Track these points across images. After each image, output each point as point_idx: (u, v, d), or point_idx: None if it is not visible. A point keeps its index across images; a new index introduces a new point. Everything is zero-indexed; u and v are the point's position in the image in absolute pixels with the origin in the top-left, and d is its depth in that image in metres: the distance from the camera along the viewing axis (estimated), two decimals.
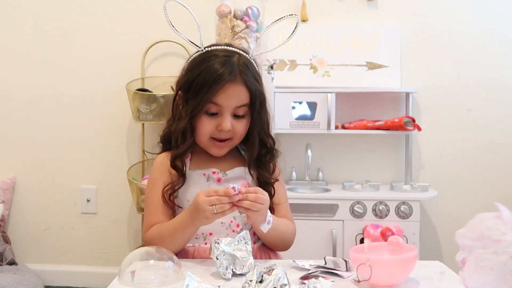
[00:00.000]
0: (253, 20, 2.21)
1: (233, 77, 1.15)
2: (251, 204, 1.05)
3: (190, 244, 1.18)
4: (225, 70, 1.15)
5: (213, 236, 1.16)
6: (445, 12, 2.51)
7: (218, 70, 1.15)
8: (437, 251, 2.52)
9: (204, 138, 1.19)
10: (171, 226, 1.14)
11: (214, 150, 1.21)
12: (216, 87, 1.14)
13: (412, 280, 0.95)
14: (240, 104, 1.17)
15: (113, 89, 2.56)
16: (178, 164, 1.19)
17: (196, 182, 1.20)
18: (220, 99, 1.15)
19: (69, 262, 2.64)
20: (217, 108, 1.16)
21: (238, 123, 1.18)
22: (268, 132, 1.25)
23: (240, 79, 1.16)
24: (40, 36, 2.61)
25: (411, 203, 2.17)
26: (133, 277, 0.95)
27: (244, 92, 1.17)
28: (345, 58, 2.49)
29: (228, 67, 1.16)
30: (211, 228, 1.17)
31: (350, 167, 2.53)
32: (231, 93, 1.15)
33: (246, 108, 1.19)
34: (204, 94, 1.14)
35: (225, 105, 1.16)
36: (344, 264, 1.03)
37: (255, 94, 1.18)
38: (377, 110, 2.49)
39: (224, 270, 0.96)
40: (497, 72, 2.50)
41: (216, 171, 1.21)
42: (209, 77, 1.14)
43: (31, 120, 2.63)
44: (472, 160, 2.51)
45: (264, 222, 1.11)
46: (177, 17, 1.30)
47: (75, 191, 2.63)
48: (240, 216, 1.18)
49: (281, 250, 1.26)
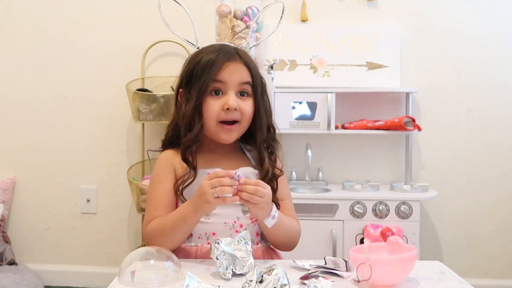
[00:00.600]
0: (253, 20, 2.21)
1: (232, 56, 1.19)
2: (249, 196, 1.04)
3: (193, 244, 1.18)
4: (224, 52, 1.19)
5: (216, 236, 1.16)
6: (445, 12, 2.51)
7: (216, 53, 1.19)
8: (437, 251, 2.52)
9: (212, 122, 1.18)
10: (173, 217, 1.13)
11: (223, 136, 1.20)
12: (218, 65, 1.17)
13: (412, 280, 0.95)
14: (243, 81, 1.19)
15: (113, 89, 2.56)
16: (189, 157, 1.19)
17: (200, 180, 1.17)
18: (223, 75, 1.17)
19: (69, 262, 2.64)
20: (221, 85, 1.18)
21: (244, 103, 1.19)
22: (271, 120, 1.27)
23: (239, 59, 1.20)
24: (40, 36, 2.61)
25: (411, 203, 2.17)
26: (133, 277, 0.95)
27: (245, 70, 1.20)
28: (345, 58, 2.49)
29: (225, 50, 1.20)
30: (214, 228, 1.17)
31: (350, 167, 2.53)
32: (233, 70, 1.18)
33: (250, 88, 1.21)
34: (207, 75, 1.16)
35: (229, 80, 1.17)
36: (344, 264, 1.03)
37: (255, 74, 1.21)
38: (377, 110, 2.49)
39: (224, 270, 0.96)
40: (497, 72, 2.50)
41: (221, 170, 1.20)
42: (209, 60, 1.18)
43: (31, 120, 2.63)
44: (472, 160, 2.51)
45: (269, 217, 1.10)
46: (176, 16, 1.30)
47: (75, 191, 2.63)
48: (243, 217, 1.18)
49: (287, 249, 1.25)
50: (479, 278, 2.48)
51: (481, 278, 2.49)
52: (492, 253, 2.51)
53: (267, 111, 1.25)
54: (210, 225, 1.18)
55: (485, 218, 2.51)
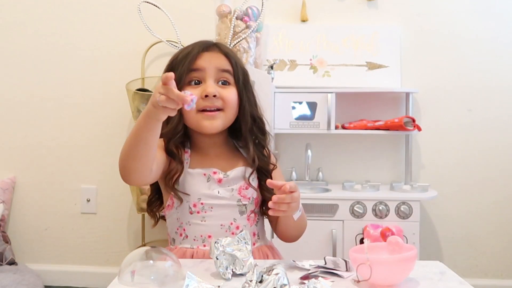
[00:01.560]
0: (253, 20, 2.21)
1: (210, 46, 1.18)
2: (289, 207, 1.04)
3: (189, 246, 1.18)
4: (201, 43, 1.19)
5: (212, 238, 1.14)
6: (446, 12, 2.51)
7: (193, 45, 1.19)
8: (437, 251, 2.52)
9: (192, 111, 1.11)
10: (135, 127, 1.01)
11: (206, 124, 1.15)
12: (194, 55, 1.15)
13: (412, 280, 0.95)
14: (221, 68, 1.17)
15: (113, 89, 2.56)
16: (173, 148, 1.16)
17: (196, 182, 1.18)
18: (199, 63, 1.15)
19: (69, 262, 2.64)
20: (199, 74, 1.16)
21: (224, 90, 1.16)
22: (256, 110, 1.23)
23: (217, 48, 1.19)
24: (40, 36, 2.61)
25: (411, 203, 2.17)
26: (133, 277, 0.95)
27: (223, 59, 1.18)
28: (345, 58, 2.49)
29: (203, 42, 1.20)
30: (210, 231, 1.16)
31: (350, 167, 2.53)
32: (210, 58, 1.16)
33: (230, 76, 1.18)
34: (183, 66, 1.15)
35: (206, 67, 1.15)
36: (344, 264, 1.02)
37: (236, 63, 1.18)
38: (377, 110, 2.49)
39: (224, 270, 0.96)
40: (497, 72, 2.50)
41: (217, 171, 1.19)
42: (186, 52, 1.17)
43: (31, 120, 2.63)
44: (472, 160, 2.51)
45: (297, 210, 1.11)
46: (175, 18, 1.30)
47: (75, 191, 2.63)
48: (240, 218, 1.18)
49: (296, 239, 1.24)
50: (479, 278, 2.48)
51: (481, 278, 2.49)
52: (492, 253, 2.51)
53: (251, 100, 1.21)
54: (206, 227, 1.17)
55: (485, 218, 2.51)
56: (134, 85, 2.46)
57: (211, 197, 1.17)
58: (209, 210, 1.17)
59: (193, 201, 1.17)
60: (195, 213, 1.17)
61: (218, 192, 1.18)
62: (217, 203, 1.17)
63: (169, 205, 1.20)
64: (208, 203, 1.17)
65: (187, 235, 1.18)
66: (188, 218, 1.18)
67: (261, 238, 1.24)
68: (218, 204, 1.17)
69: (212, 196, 1.17)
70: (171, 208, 1.20)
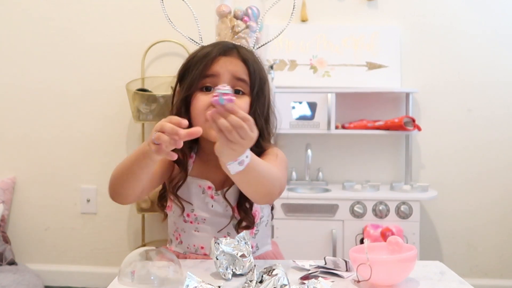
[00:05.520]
0: (253, 20, 2.21)
1: (229, 50, 1.09)
2: (227, 128, 0.82)
3: (182, 252, 1.16)
4: (220, 46, 1.10)
5: (204, 249, 1.13)
6: (445, 12, 2.51)
7: (212, 47, 1.10)
8: (437, 251, 2.52)
9: (200, 117, 1.04)
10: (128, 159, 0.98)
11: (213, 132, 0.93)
12: (210, 59, 1.07)
13: (412, 280, 0.95)
14: (237, 76, 1.07)
15: (113, 89, 2.56)
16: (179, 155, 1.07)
17: (192, 191, 1.14)
18: (214, 67, 1.07)
19: (69, 262, 2.64)
20: (212, 80, 1.07)
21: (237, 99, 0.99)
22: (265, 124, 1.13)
23: (236, 54, 1.09)
24: (40, 36, 2.61)
25: (411, 203, 2.17)
26: (133, 277, 0.95)
27: (241, 66, 1.08)
28: (345, 58, 2.49)
29: (223, 44, 1.11)
30: (203, 242, 1.14)
31: (350, 167, 2.53)
32: (226, 63, 1.07)
33: (246, 86, 1.08)
34: (197, 70, 1.07)
35: (221, 73, 1.06)
36: (344, 264, 1.02)
37: (254, 73, 1.08)
38: (377, 110, 2.49)
39: (224, 270, 0.96)
40: (497, 72, 2.50)
41: (211, 186, 1.13)
42: (203, 54, 1.09)
43: (31, 120, 2.63)
44: (472, 160, 2.51)
45: (235, 161, 0.87)
46: (177, 15, 1.29)
47: (75, 191, 2.63)
48: (234, 233, 1.12)
49: (262, 201, 1.08)
50: (479, 278, 2.48)
51: (481, 278, 2.49)
52: (492, 253, 2.51)
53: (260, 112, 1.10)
54: (198, 238, 1.14)
55: (485, 218, 2.51)
56: (134, 85, 2.46)
57: (204, 210, 1.14)
58: (202, 222, 1.14)
59: (187, 211, 1.15)
60: (188, 222, 1.15)
61: (212, 206, 1.13)
62: (209, 217, 1.13)
63: (169, 206, 1.19)
64: (201, 215, 1.14)
65: (181, 241, 1.17)
66: (183, 225, 1.17)
67: (260, 248, 1.19)
68: (211, 218, 1.14)
69: (205, 209, 1.13)
70: (170, 210, 1.19)
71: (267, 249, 1.22)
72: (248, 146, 0.86)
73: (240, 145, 0.84)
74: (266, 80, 1.13)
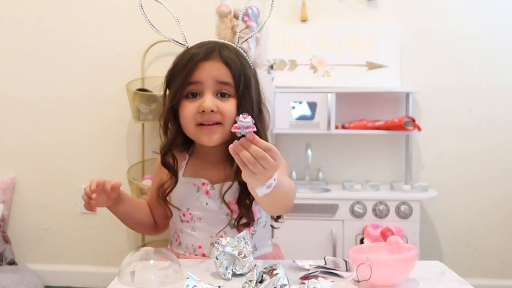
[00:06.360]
0: (253, 20, 2.21)
1: (210, 54, 1.09)
2: (251, 161, 0.82)
3: (182, 252, 1.17)
4: (201, 50, 1.10)
5: (202, 249, 1.14)
6: (445, 12, 2.51)
7: (193, 51, 1.10)
8: (437, 251, 2.52)
9: (190, 124, 1.09)
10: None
11: (205, 138, 1.09)
12: (192, 66, 1.08)
13: (412, 280, 0.95)
14: (220, 80, 1.08)
15: (113, 89, 2.57)
16: (169, 160, 1.13)
17: (186, 191, 1.15)
18: (197, 75, 1.08)
19: (69, 262, 2.64)
20: (196, 87, 1.08)
21: (223, 103, 1.08)
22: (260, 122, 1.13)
23: (218, 57, 1.09)
24: (40, 36, 2.61)
25: (411, 203, 2.17)
26: (133, 277, 0.95)
27: (223, 69, 1.08)
28: (345, 58, 2.49)
29: (204, 48, 1.10)
30: (200, 242, 1.14)
31: (350, 167, 2.53)
32: (208, 69, 1.08)
33: (231, 88, 1.09)
34: (181, 77, 1.08)
35: (204, 80, 1.07)
36: (344, 264, 1.02)
37: (238, 73, 1.09)
38: (377, 110, 2.49)
39: (224, 270, 0.96)
40: (497, 72, 2.50)
41: (205, 182, 1.14)
42: (185, 59, 1.10)
43: (31, 120, 2.63)
44: (472, 160, 2.51)
45: (263, 186, 0.87)
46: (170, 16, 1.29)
47: (75, 191, 2.62)
48: (230, 231, 1.13)
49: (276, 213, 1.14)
50: (479, 278, 2.48)
51: (481, 278, 2.49)
52: (492, 253, 2.51)
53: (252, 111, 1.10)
54: (195, 238, 1.15)
55: (485, 218, 2.51)
56: (134, 85, 2.46)
57: (199, 209, 1.14)
58: (198, 221, 1.15)
59: (182, 210, 1.16)
60: (185, 222, 1.16)
61: (206, 204, 1.14)
62: (205, 215, 1.14)
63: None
64: (196, 214, 1.14)
65: (180, 242, 1.18)
66: (180, 225, 1.17)
67: (259, 249, 1.19)
68: (206, 216, 1.14)
69: (200, 207, 1.14)
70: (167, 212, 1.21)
71: (267, 251, 1.22)
72: (271, 175, 0.86)
73: (263, 175, 0.84)
74: (251, 77, 1.12)
